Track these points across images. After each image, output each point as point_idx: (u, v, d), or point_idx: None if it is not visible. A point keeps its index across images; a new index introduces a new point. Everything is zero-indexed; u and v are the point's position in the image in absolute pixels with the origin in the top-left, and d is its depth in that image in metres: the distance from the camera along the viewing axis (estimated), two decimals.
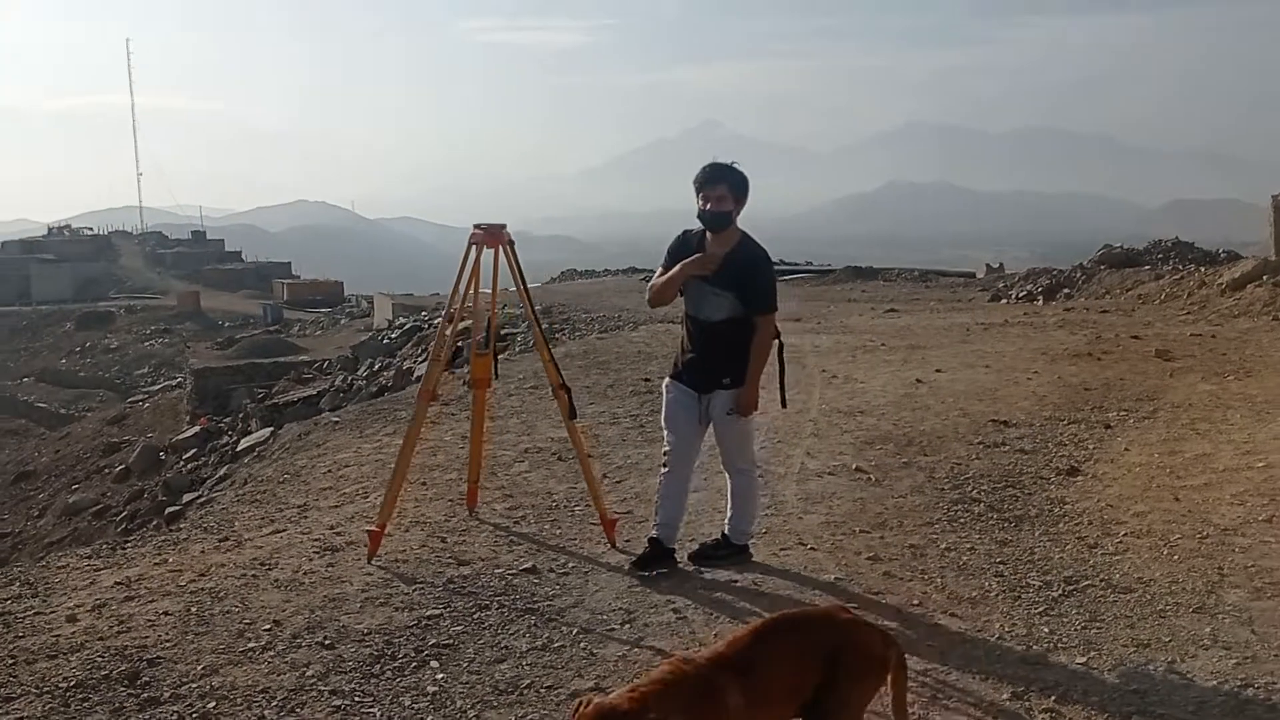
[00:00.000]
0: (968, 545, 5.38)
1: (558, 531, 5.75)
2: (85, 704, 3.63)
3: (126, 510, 20.39)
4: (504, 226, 5.45)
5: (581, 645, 4.16)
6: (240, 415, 22.15)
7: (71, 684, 3.76)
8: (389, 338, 24.43)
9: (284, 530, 5.80)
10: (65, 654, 4.01)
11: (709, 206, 4.80)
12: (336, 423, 9.37)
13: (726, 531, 5.15)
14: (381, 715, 3.59)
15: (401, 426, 8.81)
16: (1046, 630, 4.30)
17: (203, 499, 8.87)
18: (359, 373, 21.50)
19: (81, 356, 51.01)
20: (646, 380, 10.48)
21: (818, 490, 6.43)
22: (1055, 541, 5.46)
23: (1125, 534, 5.52)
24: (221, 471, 11.89)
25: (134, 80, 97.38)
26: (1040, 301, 20.53)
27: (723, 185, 4.80)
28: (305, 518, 6.11)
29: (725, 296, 4.81)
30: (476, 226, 5.40)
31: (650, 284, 5.12)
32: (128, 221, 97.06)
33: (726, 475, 5.21)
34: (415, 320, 24.61)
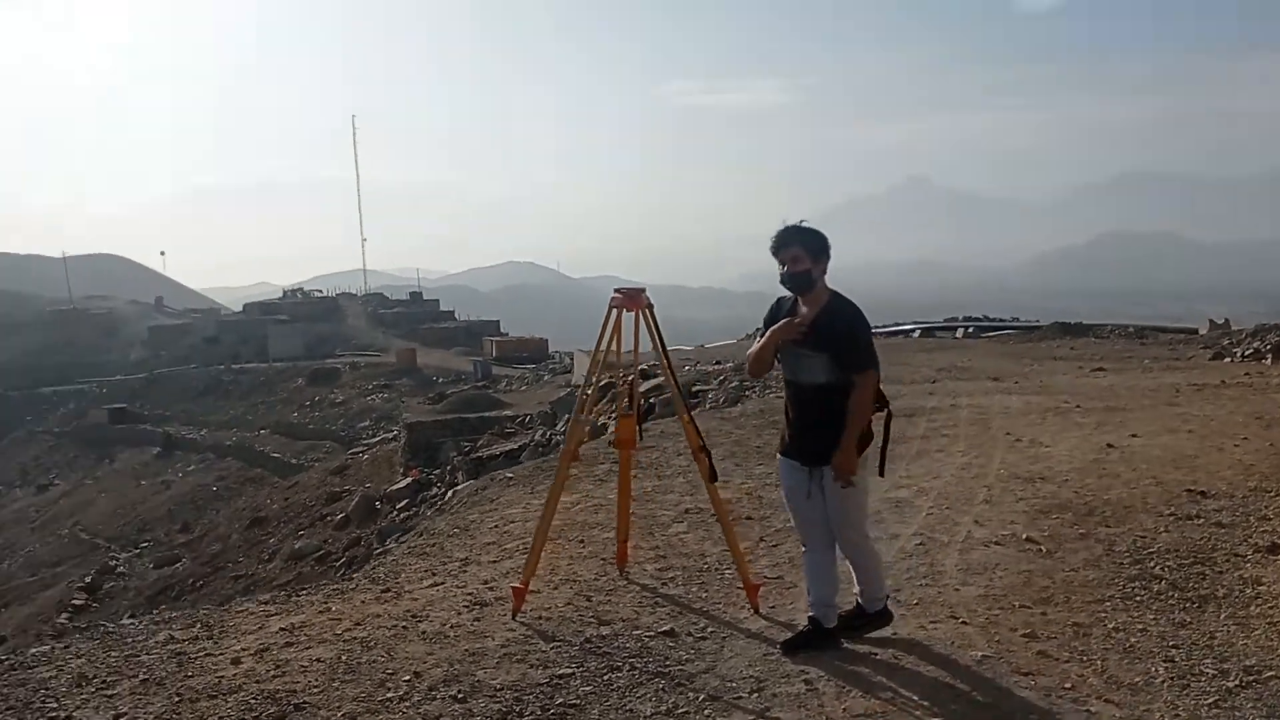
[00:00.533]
0: (1139, 626, 5.01)
1: (704, 595, 5.71)
2: None
3: (345, 556, 21.56)
4: (643, 290, 5.52)
5: (706, 713, 4.11)
6: (448, 468, 23.09)
7: None
8: (585, 394, 25.00)
9: (442, 583, 6.00)
10: (224, 694, 4.27)
11: (786, 269, 4.70)
12: (510, 478, 9.65)
13: (860, 601, 4.97)
14: None
15: (571, 484, 9.03)
16: None
17: (378, 550, 9.27)
18: (557, 428, 22.05)
19: (311, 410, 54.48)
20: None
21: (981, 561, 6.13)
22: (1242, 626, 5.01)
23: None
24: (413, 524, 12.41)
25: (359, 153, 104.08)
26: (1269, 360, 19.04)
27: (795, 247, 4.67)
28: (464, 572, 6.30)
29: (819, 358, 4.64)
30: (617, 291, 5.50)
31: (748, 352, 5.04)
32: (353, 284, 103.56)
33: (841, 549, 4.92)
34: (611, 377, 25.15)
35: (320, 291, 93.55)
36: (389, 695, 4.24)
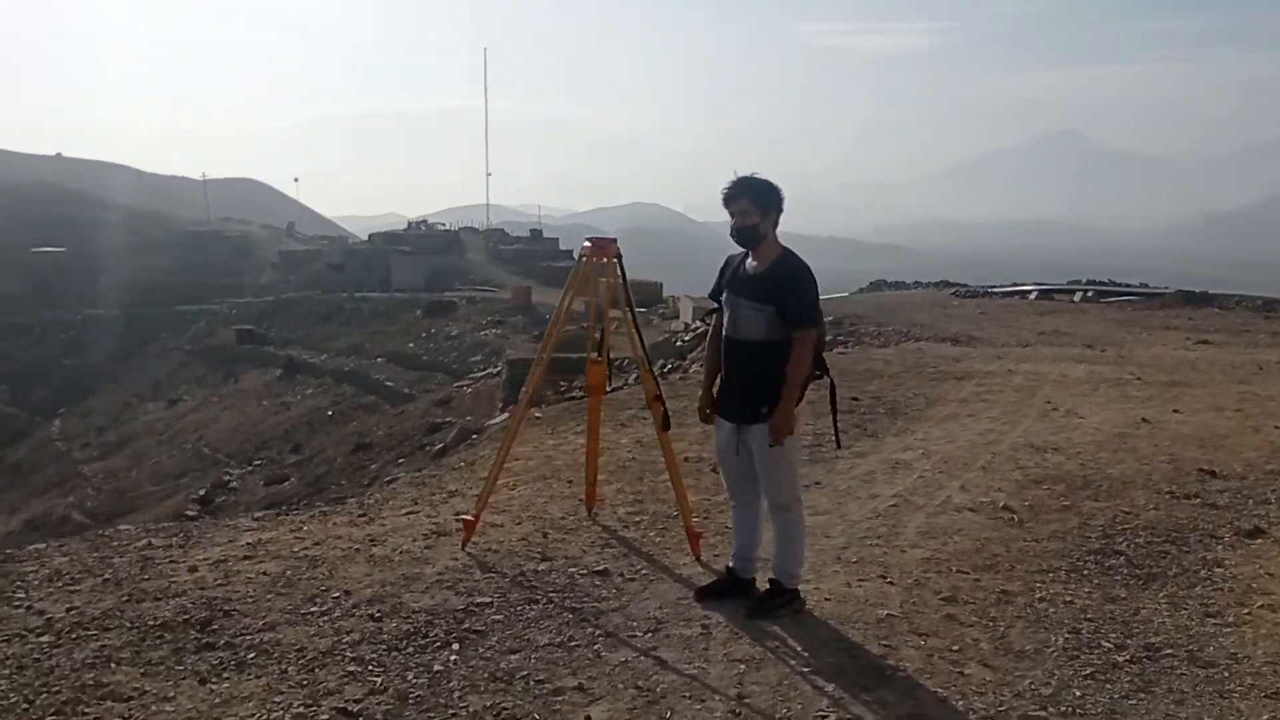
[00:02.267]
0: (1066, 598, 5.03)
1: (659, 540, 5.91)
2: (158, 641, 4.23)
3: None
4: (614, 240, 5.68)
5: (595, 648, 4.33)
6: (543, 405, 23.62)
7: (158, 623, 4.39)
8: (682, 340, 25.11)
9: (417, 512, 6.33)
10: (169, 597, 4.68)
11: (734, 222, 4.64)
12: (538, 417, 9.94)
13: (774, 576, 4.87)
14: (383, 685, 3.93)
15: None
16: (1076, 694, 4.00)
17: (388, 479, 9.70)
18: (683, 375, 22.32)
19: (426, 341, 55.93)
20: (855, 399, 10.33)
21: (944, 525, 6.17)
22: (1174, 606, 4.98)
23: (1261, 605, 4.96)
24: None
25: (489, 86, 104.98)
26: None
27: (744, 199, 4.59)
28: (445, 503, 6.62)
29: (762, 313, 4.57)
30: (588, 240, 5.67)
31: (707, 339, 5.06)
32: (477, 218, 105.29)
33: (769, 512, 4.89)
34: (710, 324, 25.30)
35: (443, 225, 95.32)
36: (313, 610, 4.58)
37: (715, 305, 4.97)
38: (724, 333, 4.84)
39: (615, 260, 5.67)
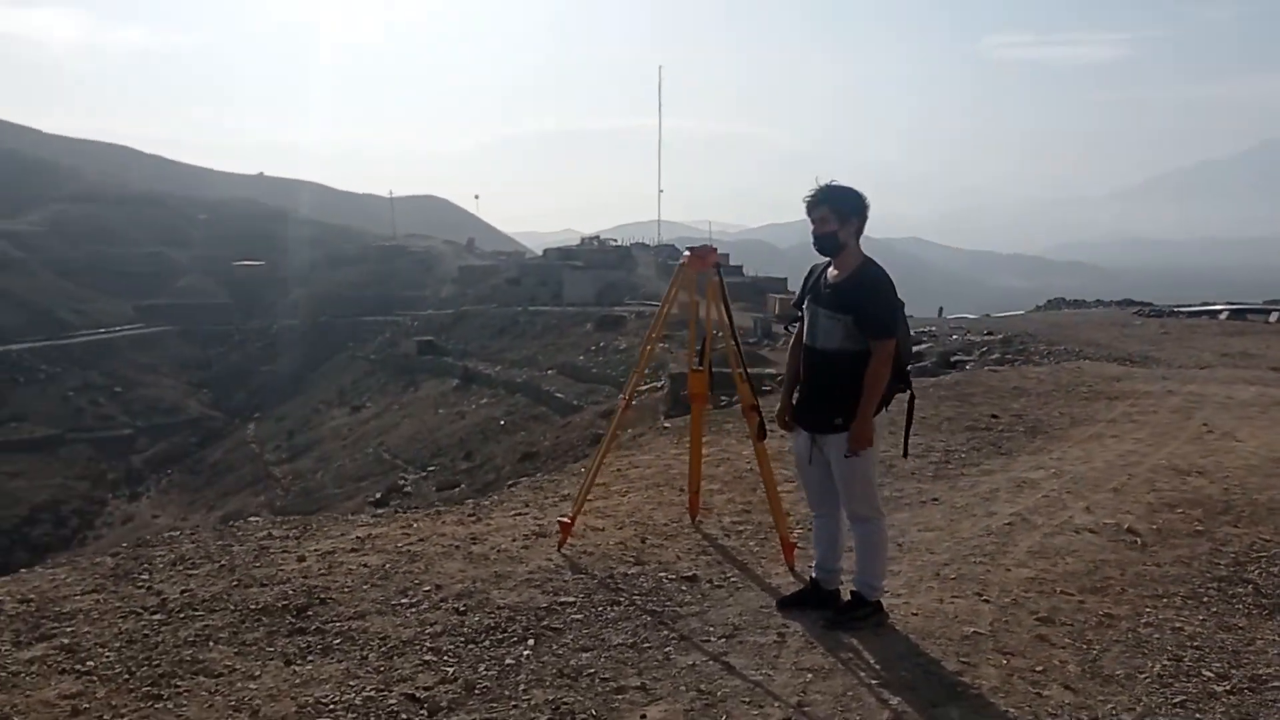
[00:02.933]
0: (1175, 624, 4.77)
1: (757, 549, 5.90)
2: (256, 623, 4.52)
3: None
4: (714, 249, 5.73)
5: (666, 650, 4.38)
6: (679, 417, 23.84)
7: (259, 607, 4.68)
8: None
9: (525, 514, 6.51)
10: (273, 584, 4.98)
11: (814, 229, 4.64)
12: (667, 428, 10.05)
13: (855, 588, 4.81)
14: (454, 675, 4.09)
15: (718, 437, 9.33)
16: None
17: (509, 483, 9.93)
18: None
19: (596, 355, 56.96)
20: (994, 417, 10.02)
21: (1057, 546, 5.93)
22: None
23: None
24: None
25: (664, 104, 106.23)
26: None
27: (823, 207, 4.58)
28: (554, 506, 6.78)
29: (840, 321, 4.55)
30: (688, 249, 5.73)
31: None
32: (648, 234, 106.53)
33: (849, 523, 4.83)
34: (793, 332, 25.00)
35: (615, 240, 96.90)
36: (403, 601, 4.79)
37: (798, 314, 4.96)
38: (804, 341, 4.84)
39: (715, 269, 5.70)
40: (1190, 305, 32.23)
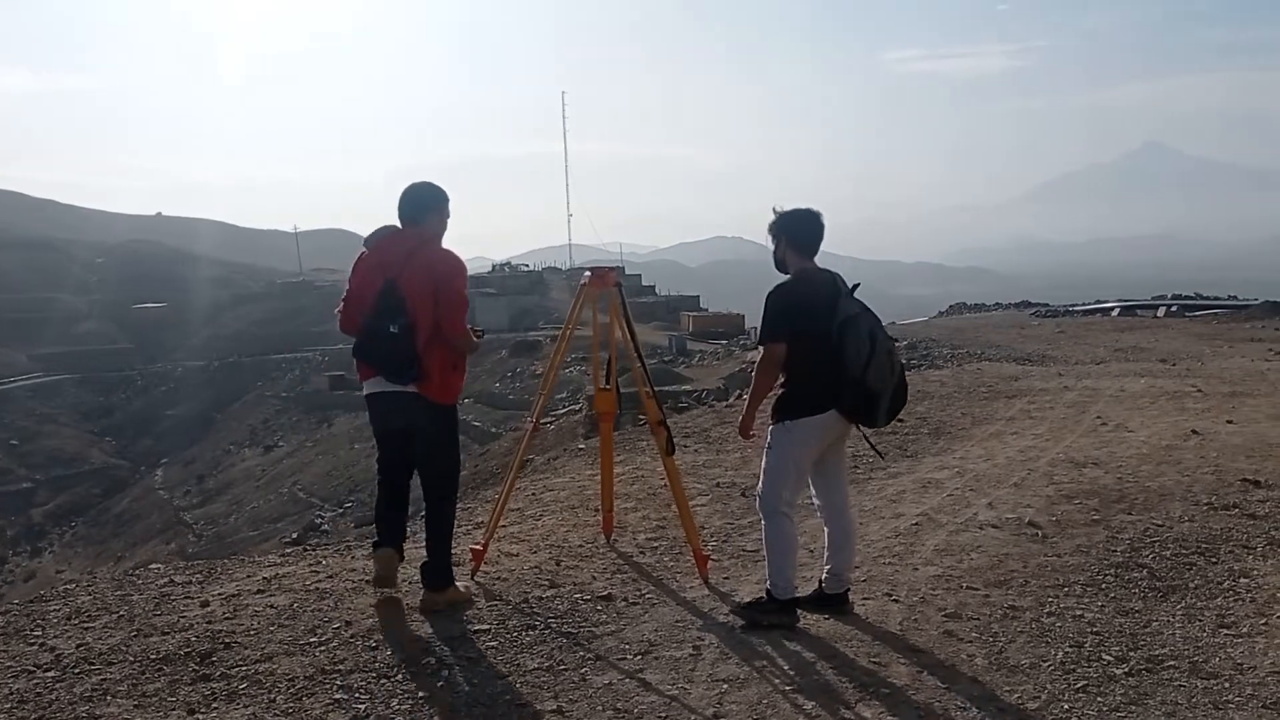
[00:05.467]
0: (1076, 612, 4.92)
1: (672, 565, 5.93)
2: (157, 674, 4.37)
3: None
4: (615, 268, 5.77)
5: (582, 671, 4.37)
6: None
7: (160, 656, 4.54)
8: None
9: None
10: (176, 631, 4.84)
11: None
12: (581, 449, 10.05)
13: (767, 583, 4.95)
14: (366, 711, 4.02)
15: (631, 455, 9.36)
16: (1064, 708, 3.92)
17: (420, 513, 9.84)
18: (728, 401, 22.38)
19: (512, 380, 56.62)
20: (900, 421, 10.20)
21: (964, 542, 6.09)
22: (1189, 617, 4.85)
23: None
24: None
25: (570, 129, 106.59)
26: None
27: (770, 233, 5.02)
28: (468, 535, 6.73)
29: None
30: (588, 269, 5.77)
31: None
32: (560, 258, 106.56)
33: None
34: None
35: (527, 266, 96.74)
36: (312, 640, 4.69)
37: None
38: None
39: (616, 289, 5.75)
40: (1084, 304, 33.33)
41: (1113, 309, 30.66)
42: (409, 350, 4.93)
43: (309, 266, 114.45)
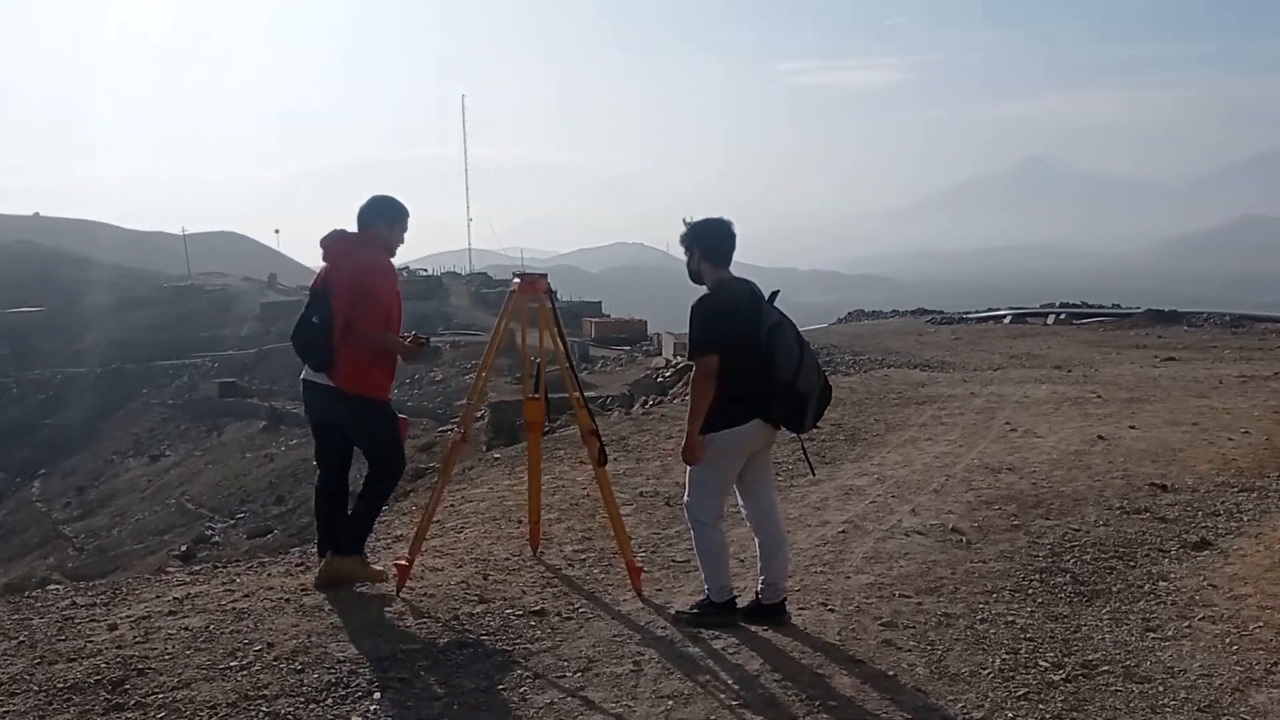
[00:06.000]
0: (1007, 618, 4.97)
1: (603, 577, 5.83)
2: (67, 704, 4.11)
3: None
4: (544, 276, 5.65)
5: (521, 690, 4.24)
6: (524, 447, 23.50)
7: (68, 685, 4.27)
8: (663, 375, 25.12)
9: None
10: (83, 658, 4.57)
11: None
12: (497, 458, 9.88)
13: (705, 590, 5.03)
14: None
15: (550, 464, 9.22)
16: (1008, 716, 3.94)
17: None
18: (634, 410, 22.33)
19: (411, 387, 55.66)
20: (815, 427, 10.27)
21: (890, 550, 6.12)
22: (1116, 621, 4.93)
23: (1202, 617, 4.91)
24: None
25: (469, 132, 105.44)
26: None
27: (683, 244, 4.96)
28: (388, 549, 6.54)
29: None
30: (517, 275, 5.64)
31: None
32: (459, 263, 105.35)
33: None
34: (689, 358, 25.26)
35: (425, 271, 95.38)
36: (233, 664, 4.47)
37: None
38: None
39: (546, 296, 5.63)
40: (977, 311, 34.20)
41: (1005, 316, 31.50)
42: (323, 340, 5.33)
43: (198, 270, 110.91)
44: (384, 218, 5.54)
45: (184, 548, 35.40)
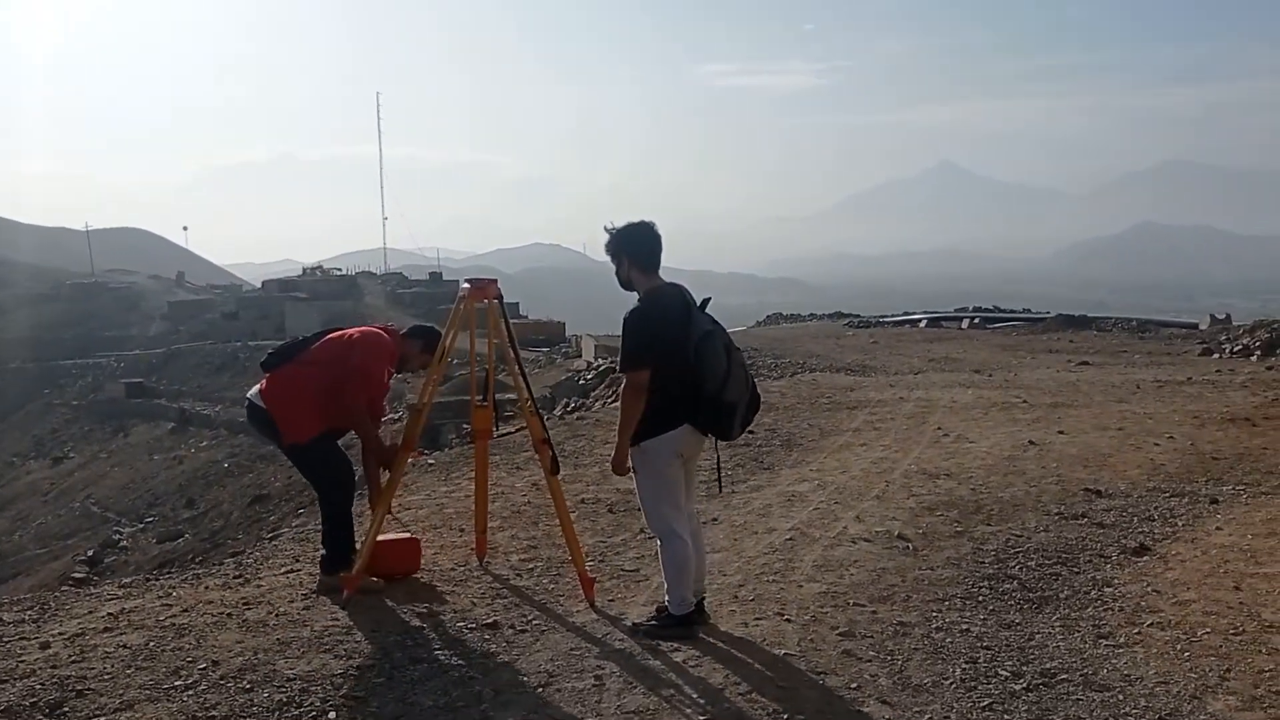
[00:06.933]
0: (962, 627, 4.99)
1: (553, 587, 5.73)
2: None
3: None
4: (494, 281, 5.55)
5: (482, 707, 4.13)
6: (447, 449, 23.19)
7: (1, 710, 4.04)
8: (584, 378, 24.98)
9: (298, 570, 6.05)
10: (16, 679, 4.33)
11: None
12: (431, 464, 9.69)
13: (664, 600, 4.97)
14: None
15: (491, 471, 9.05)
16: None
17: (268, 535, 9.34)
18: (555, 412, 22.13)
19: None
20: (750, 432, 10.25)
21: (840, 558, 6.12)
22: (1067, 628, 4.98)
23: (1151, 624, 4.98)
24: None
25: (383, 132, 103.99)
26: (1256, 358, 18.86)
27: (609, 253, 4.89)
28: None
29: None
30: (467, 281, 5.52)
31: None
32: (375, 263, 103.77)
33: None
34: (612, 361, 25.12)
35: (340, 270, 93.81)
36: (177, 684, 4.28)
37: None
38: None
39: (496, 301, 5.52)
40: (893, 315, 34.74)
41: (920, 320, 32.06)
42: (290, 351, 5.75)
43: (102, 267, 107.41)
44: (423, 339, 5.85)
45: (90, 552, 34.21)
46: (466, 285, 5.52)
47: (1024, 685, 4.31)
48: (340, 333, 5.69)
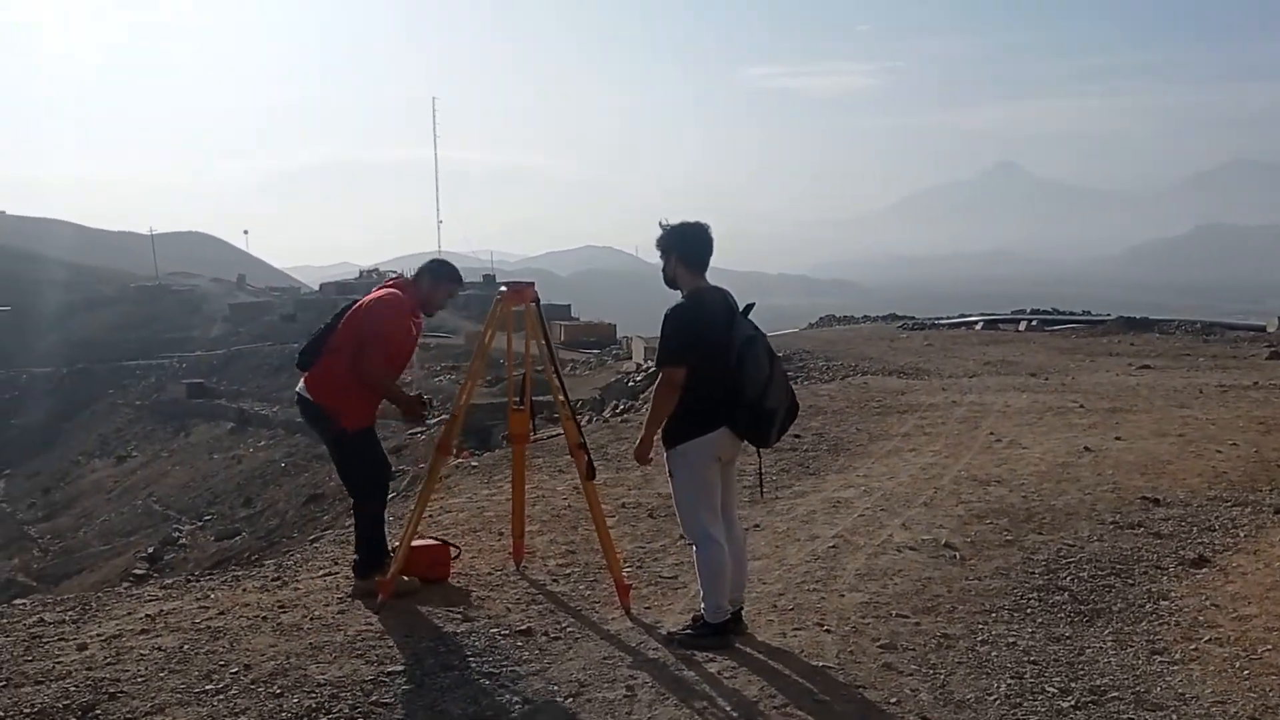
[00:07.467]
0: (1009, 640, 4.84)
1: (589, 594, 5.66)
2: None
3: None
4: (532, 284, 5.49)
5: (514, 715, 4.07)
6: (498, 450, 23.24)
7: (35, 711, 4.06)
8: (634, 380, 24.95)
9: (336, 574, 6.03)
10: (51, 680, 4.35)
11: None
12: (475, 467, 9.68)
13: (701, 609, 4.86)
14: None
15: (528, 474, 9.01)
16: None
17: (312, 538, 9.35)
18: (604, 414, 22.09)
19: None
20: (797, 437, 10.15)
21: (884, 566, 5.97)
22: (1120, 643, 4.80)
23: (1208, 640, 4.79)
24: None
25: (440, 136, 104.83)
26: None
27: (659, 248, 4.87)
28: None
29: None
30: (503, 284, 5.47)
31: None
32: None
33: None
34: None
35: (395, 272, 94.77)
36: (208, 687, 4.27)
37: None
38: None
39: (533, 304, 5.46)
40: (949, 317, 34.23)
41: (977, 322, 31.54)
42: (318, 341, 5.63)
43: (165, 270, 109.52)
44: (430, 273, 5.70)
45: (151, 549, 34.87)
46: (504, 288, 5.47)
47: (1072, 703, 4.15)
48: (357, 305, 5.60)
